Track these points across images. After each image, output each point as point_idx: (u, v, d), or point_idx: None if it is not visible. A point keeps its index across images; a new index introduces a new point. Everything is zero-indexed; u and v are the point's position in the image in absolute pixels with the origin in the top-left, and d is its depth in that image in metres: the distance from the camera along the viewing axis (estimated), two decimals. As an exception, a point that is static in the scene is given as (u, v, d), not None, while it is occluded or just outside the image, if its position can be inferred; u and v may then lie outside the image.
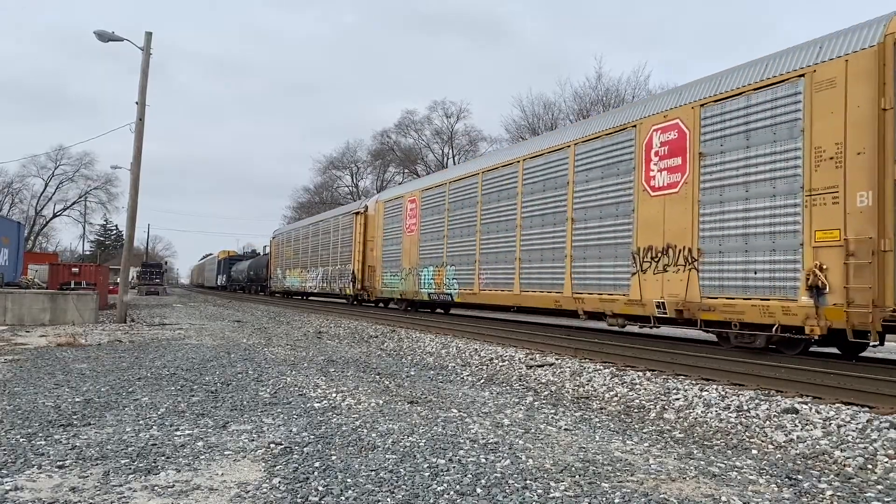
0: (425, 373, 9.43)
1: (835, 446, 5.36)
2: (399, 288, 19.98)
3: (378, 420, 6.00)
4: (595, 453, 5.03)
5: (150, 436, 5.22)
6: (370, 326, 17.76)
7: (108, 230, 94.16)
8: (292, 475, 4.28)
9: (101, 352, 11.12)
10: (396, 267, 20.16)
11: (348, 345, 13.34)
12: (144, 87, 19.47)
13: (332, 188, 65.83)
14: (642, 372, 9.03)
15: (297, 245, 33.42)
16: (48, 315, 17.72)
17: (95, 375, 8.36)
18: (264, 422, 5.86)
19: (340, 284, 25.80)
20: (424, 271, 18.39)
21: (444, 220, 17.49)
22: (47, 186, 68.99)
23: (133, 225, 20.09)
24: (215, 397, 6.96)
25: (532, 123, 42.23)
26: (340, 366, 9.79)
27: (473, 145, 53.27)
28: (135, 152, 19.45)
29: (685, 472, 4.59)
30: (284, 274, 35.74)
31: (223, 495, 3.89)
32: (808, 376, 7.63)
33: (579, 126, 13.01)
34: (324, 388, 7.68)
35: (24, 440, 5.04)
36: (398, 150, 56.20)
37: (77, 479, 4.12)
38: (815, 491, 4.23)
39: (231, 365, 9.58)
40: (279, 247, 37.83)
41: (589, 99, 39.67)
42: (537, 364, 10.01)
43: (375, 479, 4.24)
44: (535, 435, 5.59)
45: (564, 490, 4.09)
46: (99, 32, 19.03)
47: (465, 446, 5.12)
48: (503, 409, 6.77)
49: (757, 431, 5.95)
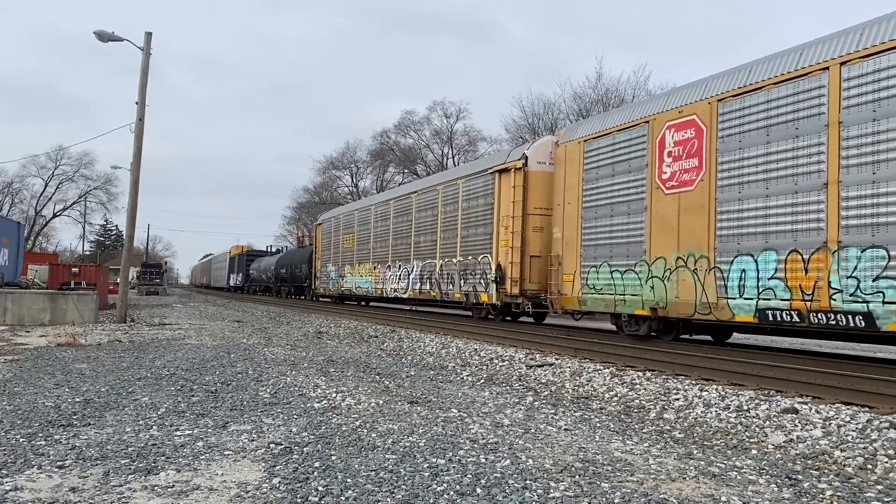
0: (425, 373, 9.43)
1: (835, 446, 5.36)
2: (641, 296, 10.91)
3: (378, 420, 6.00)
4: (595, 453, 5.03)
5: (150, 436, 5.22)
6: (370, 326, 17.76)
7: (108, 230, 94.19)
8: (292, 475, 4.28)
9: (101, 352, 11.12)
10: (632, 255, 11.23)
11: (348, 345, 13.34)
12: (144, 87, 19.47)
13: (331, 188, 65.82)
14: (642, 372, 9.03)
15: (367, 231, 23.63)
16: (48, 315, 17.72)
17: (95, 375, 8.35)
18: (264, 422, 5.86)
19: (464, 287, 16.28)
20: (758, 261, 9.01)
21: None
22: (47, 186, 68.97)
23: (133, 225, 20.09)
24: (215, 397, 6.96)
25: (532, 123, 42.23)
26: (340, 366, 9.79)
27: (473, 145, 53.30)
28: (135, 152, 19.45)
29: (685, 472, 4.59)
30: (342, 272, 26.16)
31: (223, 495, 3.89)
32: (808, 376, 7.63)
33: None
34: (324, 388, 7.68)
35: (24, 440, 5.04)
36: (398, 150, 56.19)
37: (77, 479, 4.11)
38: (815, 491, 4.23)
39: (231, 365, 9.58)
40: (330, 236, 28.12)
41: (589, 99, 39.67)
42: (537, 364, 10.01)
43: (375, 479, 4.24)
44: (534, 435, 5.59)
45: (564, 490, 4.09)
46: (99, 32, 19.04)
47: (464, 446, 5.12)
48: (503, 409, 6.77)
49: (757, 431, 5.95)
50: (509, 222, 14.44)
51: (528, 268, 14.27)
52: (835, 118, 8.11)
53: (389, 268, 21.36)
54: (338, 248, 27.20)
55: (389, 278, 21.36)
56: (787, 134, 8.70)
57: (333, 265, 27.67)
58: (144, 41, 19.63)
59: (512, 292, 14.32)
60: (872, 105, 7.69)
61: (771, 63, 9.17)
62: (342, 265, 26.43)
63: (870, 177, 7.67)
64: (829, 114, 8.18)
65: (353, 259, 25.08)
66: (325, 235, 29.40)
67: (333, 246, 27.80)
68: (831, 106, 8.17)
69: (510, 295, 14.41)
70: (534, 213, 14.33)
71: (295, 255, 38.55)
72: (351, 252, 25.36)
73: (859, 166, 7.80)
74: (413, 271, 19.53)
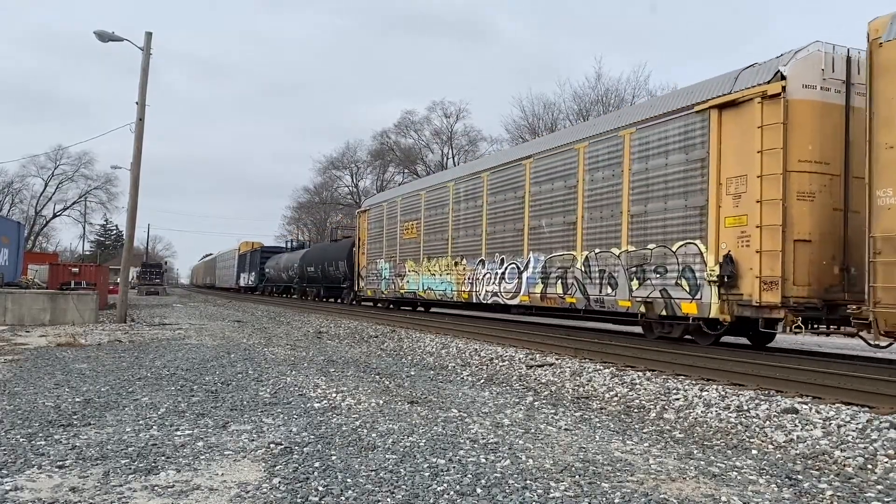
0: (425, 373, 9.43)
1: (835, 446, 5.36)
2: None
3: (378, 420, 6.00)
4: (595, 453, 5.03)
5: (150, 436, 5.22)
6: (370, 326, 17.76)
7: (108, 230, 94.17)
8: (292, 475, 4.28)
9: (101, 352, 11.12)
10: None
11: (348, 345, 13.34)
12: (144, 87, 19.47)
13: (332, 188, 65.84)
14: (642, 372, 9.03)
15: (442, 215, 18.08)
16: (48, 315, 17.72)
17: (95, 375, 8.36)
18: (264, 422, 5.86)
19: (639, 291, 10.79)
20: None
21: None
22: (47, 186, 68.96)
23: (133, 225, 20.09)
24: (215, 397, 6.96)
25: (532, 123, 42.25)
26: (340, 366, 9.79)
27: (473, 145, 53.33)
28: (135, 152, 19.45)
29: (685, 472, 4.59)
30: (400, 269, 20.43)
31: (223, 495, 3.89)
32: (808, 376, 7.63)
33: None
34: (324, 388, 7.68)
35: (24, 440, 5.04)
36: (398, 150, 56.20)
37: (77, 479, 4.12)
38: (815, 491, 4.23)
39: (231, 365, 9.58)
40: (381, 225, 22.39)
41: (589, 99, 39.70)
42: (537, 364, 10.01)
43: (375, 479, 4.24)
44: (535, 435, 5.59)
45: (564, 490, 4.09)
46: (99, 32, 19.04)
47: (465, 446, 5.12)
48: (503, 409, 6.77)
49: (757, 431, 5.95)
50: (748, 186, 9.03)
51: (791, 259, 8.71)
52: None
53: (483, 263, 15.65)
54: (393, 239, 21.18)
55: (484, 278, 15.53)
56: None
57: (387, 261, 21.53)
58: (144, 41, 19.63)
59: (761, 300, 8.72)
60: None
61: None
62: (401, 261, 20.40)
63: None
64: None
65: (417, 253, 19.27)
66: (372, 225, 23.25)
67: (387, 237, 21.77)
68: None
69: (756, 304, 8.80)
70: (800, 169, 8.79)
71: (328, 250, 31.44)
72: (415, 244, 19.49)
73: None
74: (529, 268, 13.80)
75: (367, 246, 23.64)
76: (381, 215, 22.64)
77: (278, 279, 41.10)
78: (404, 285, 20.16)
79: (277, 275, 41.09)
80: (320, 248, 35.01)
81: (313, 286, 33.76)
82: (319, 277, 31.78)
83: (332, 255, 29.82)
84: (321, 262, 31.36)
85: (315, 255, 33.40)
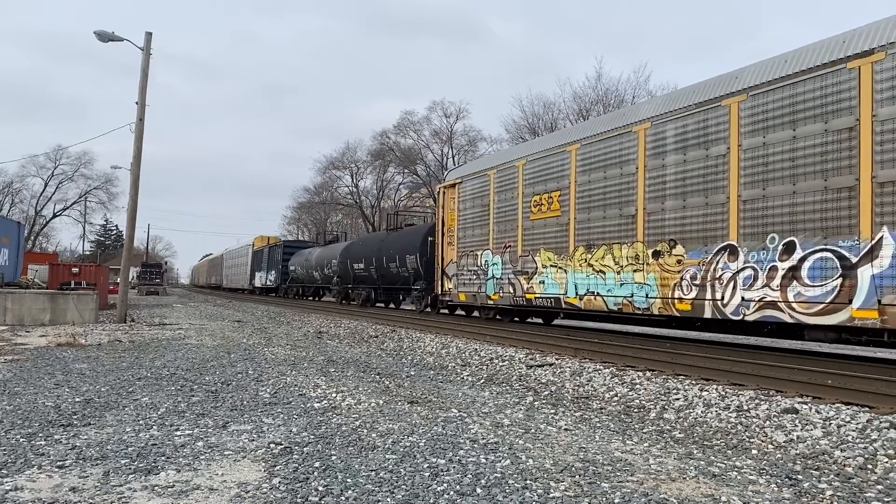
0: (425, 373, 9.43)
1: (835, 446, 5.36)
2: None
3: (378, 420, 6.00)
4: (595, 453, 5.03)
5: (150, 436, 5.23)
6: (370, 326, 17.76)
7: (108, 230, 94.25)
8: (292, 475, 4.28)
9: (101, 352, 11.12)
10: None
11: (348, 345, 13.34)
12: (144, 88, 19.47)
13: (332, 188, 65.82)
14: (642, 372, 9.03)
15: (608, 179, 12.00)
16: (48, 315, 17.72)
17: (95, 375, 8.36)
18: (264, 422, 5.86)
19: None
20: None
21: None
22: (47, 186, 69.03)
23: (133, 225, 20.09)
24: (215, 397, 6.96)
25: (532, 123, 42.25)
26: (340, 366, 9.79)
27: (473, 145, 53.30)
28: (135, 152, 19.45)
29: (685, 472, 4.59)
30: (524, 264, 14.34)
31: (223, 495, 3.89)
32: (808, 376, 7.63)
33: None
34: (324, 388, 7.68)
35: (24, 440, 5.04)
36: (398, 150, 56.19)
37: (77, 479, 4.11)
38: (815, 491, 4.23)
39: (231, 365, 9.58)
40: (484, 201, 16.13)
41: (589, 99, 39.69)
42: (537, 364, 10.01)
43: (375, 479, 4.24)
44: (535, 435, 5.59)
45: (564, 490, 4.09)
46: (99, 33, 19.06)
47: (465, 446, 5.12)
48: (503, 409, 6.77)
49: (757, 431, 5.95)
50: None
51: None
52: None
53: (731, 252, 9.45)
54: (509, 220, 14.91)
55: (738, 276, 9.32)
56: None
57: (498, 253, 15.26)
58: (144, 41, 19.63)
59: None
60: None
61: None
62: (527, 252, 14.20)
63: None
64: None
65: (562, 239, 13.11)
66: (468, 203, 16.78)
67: (497, 219, 15.41)
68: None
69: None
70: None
71: (387, 241, 24.22)
72: (557, 227, 13.27)
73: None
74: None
75: (460, 233, 17.07)
76: (483, 188, 16.04)
77: (307, 279, 34.97)
78: (534, 287, 13.79)
79: (306, 273, 34.88)
80: (374, 238, 27.63)
81: (362, 287, 27.11)
82: (372, 277, 25.36)
83: (393, 248, 22.91)
84: (376, 256, 24.47)
85: (365, 249, 26.43)
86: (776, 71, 9.13)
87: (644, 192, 11.15)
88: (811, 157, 8.50)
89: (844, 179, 8.10)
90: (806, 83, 8.66)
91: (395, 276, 23.29)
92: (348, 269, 27.93)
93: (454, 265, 17.40)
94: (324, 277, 32.55)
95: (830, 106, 8.34)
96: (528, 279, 14.08)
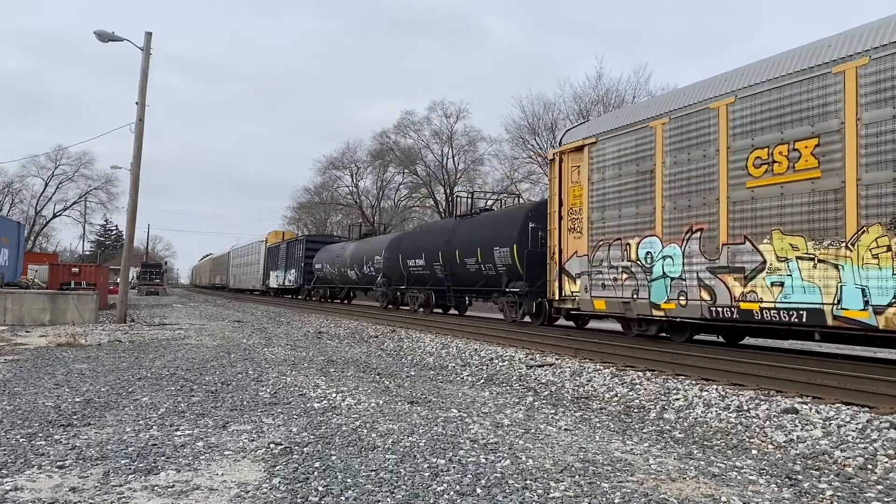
0: (425, 373, 9.43)
1: (835, 446, 5.36)
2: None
3: (378, 420, 6.00)
4: (595, 453, 5.03)
5: (150, 436, 5.23)
6: (370, 326, 17.76)
7: (108, 230, 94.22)
8: (292, 475, 4.28)
9: (101, 352, 11.12)
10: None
11: (348, 345, 13.34)
12: (144, 88, 19.47)
13: (332, 188, 65.80)
14: (642, 372, 9.03)
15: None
16: (48, 315, 17.73)
17: (95, 375, 8.36)
18: (264, 422, 5.86)
19: None
20: None
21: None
22: (47, 186, 68.97)
23: (133, 225, 20.10)
24: (215, 397, 6.96)
25: (532, 123, 42.26)
26: (340, 366, 9.79)
27: (473, 145, 53.29)
28: (135, 152, 19.45)
29: (685, 472, 4.59)
30: (729, 257, 9.36)
31: (223, 495, 3.89)
32: (808, 376, 7.63)
33: None
34: (324, 388, 7.68)
35: (24, 440, 5.04)
36: (398, 150, 56.17)
37: (77, 480, 4.11)
38: (815, 491, 4.23)
39: (231, 365, 9.58)
40: (645, 165, 10.94)
41: (589, 99, 39.68)
42: (537, 364, 10.01)
43: (375, 479, 4.24)
44: (535, 435, 5.59)
45: (564, 490, 4.09)
46: (99, 33, 19.06)
47: (465, 446, 5.11)
48: (503, 409, 6.77)
49: (757, 431, 5.95)
50: None
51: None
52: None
53: None
54: (694, 192, 10.12)
55: None
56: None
57: (675, 241, 10.45)
58: (144, 41, 19.63)
59: None
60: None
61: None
62: (738, 239, 9.38)
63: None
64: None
65: (825, 216, 8.29)
66: (607, 170, 11.92)
67: (669, 189, 10.57)
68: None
69: None
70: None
71: (459, 229, 18.93)
72: (820, 197, 8.36)
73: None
74: None
75: (594, 214, 12.10)
76: (641, 148, 11.17)
77: (339, 278, 29.36)
78: (759, 291, 9.01)
79: (338, 272, 29.26)
80: (439, 228, 21.50)
81: (419, 289, 21.28)
82: (437, 276, 19.74)
83: (472, 238, 17.70)
84: (444, 250, 18.93)
85: (425, 241, 20.81)
86: None
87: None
88: None
89: None
90: None
91: (472, 276, 17.65)
92: (399, 266, 22.18)
93: (582, 260, 12.34)
94: (363, 277, 26.71)
95: None
96: (745, 279, 9.21)
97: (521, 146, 43.81)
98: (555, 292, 13.17)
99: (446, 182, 51.66)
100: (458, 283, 18.93)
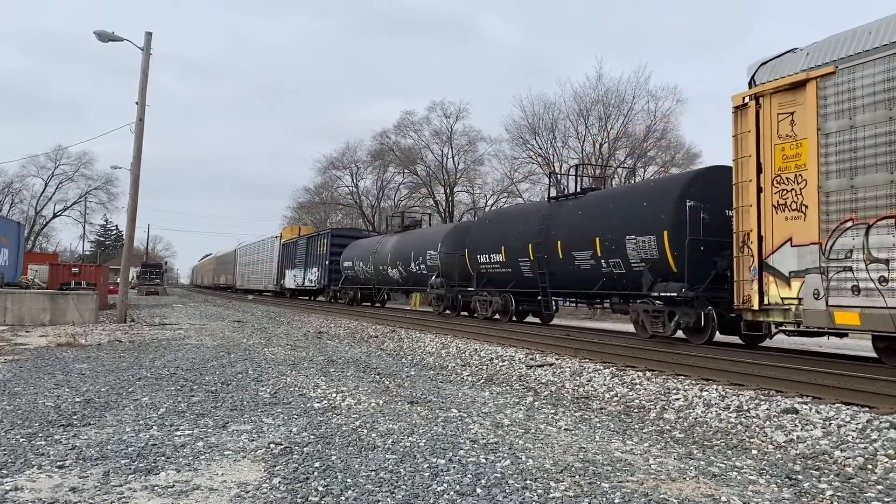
0: (425, 373, 9.43)
1: (835, 446, 5.36)
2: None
3: (378, 420, 6.00)
4: (595, 453, 5.03)
5: (150, 436, 5.22)
6: (370, 326, 17.75)
7: (108, 230, 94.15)
8: (292, 475, 4.28)
9: (101, 352, 11.12)
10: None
11: (348, 345, 13.34)
12: (144, 88, 19.46)
13: (332, 188, 65.78)
14: (642, 372, 9.03)
15: None
16: (48, 315, 17.72)
17: (95, 375, 8.36)
18: (264, 422, 5.86)
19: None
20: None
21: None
22: (47, 186, 68.83)
23: (133, 225, 20.10)
24: (215, 397, 6.96)
25: (532, 123, 42.26)
26: (340, 366, 9.79)
27: (473, 145, 53.27)
28: (135, 152, 19.45)
29: (685, 472, 4.59)
30: None
31: (223, 495, 3.89)
32: (808, 376, 7.63)
33: None
34: (324, 388, 7.68)
35: (24, 440, 5.04)
36: (398, 150, 56.17)
37: (77, 480, 4.11)
38: (815, 491, 4.23)
39: (231, 365, 9.58)
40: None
41: (589, 99, 39.69)
42: (537, 364, 10.01)
43: (375, 479, 4.24)
44: (535, 435, 5.59)
45: (564, 490, 4.09)
46: (99, 33, 19.05)
47: (465, 446, 5.11)
48: (503, 409, 6.77)
49: (757, 431, 5.95)
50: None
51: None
52: None
53: None
54: None
55: None
56: None
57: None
58: (144, 41, 19.63)
59: None
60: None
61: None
62: None
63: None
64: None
65: None
66: (857, 114, 7.69)
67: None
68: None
69: None
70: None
71: (560, 215, 14.49)
72: None
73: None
74: None
75: (832, 182, 7.98)
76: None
77: (377, 278, 24.67)
78: None
79: (375, 271, 24.60)
80: (523, 215, 16.64)
81: (496, 292, 16.67)
82: (524, 275, 15.50)
83: (585, 224, 13.41)
84: (534, 242, 14.72)
85: (504, 231, 16.36)
86: None
87: None
88: None
89: None
90: None
91: (584, 275, 13.42)
92: (464, 263, 18.06)
93: (804, 251, 8.34)
94: (409, 277, 22.02)
95: None
96: None
97: (521, 146, 43.84)
98: (752, 299, 8.92)
99: (446, 182, 51.64)
100: (558, 284, 14.48)
